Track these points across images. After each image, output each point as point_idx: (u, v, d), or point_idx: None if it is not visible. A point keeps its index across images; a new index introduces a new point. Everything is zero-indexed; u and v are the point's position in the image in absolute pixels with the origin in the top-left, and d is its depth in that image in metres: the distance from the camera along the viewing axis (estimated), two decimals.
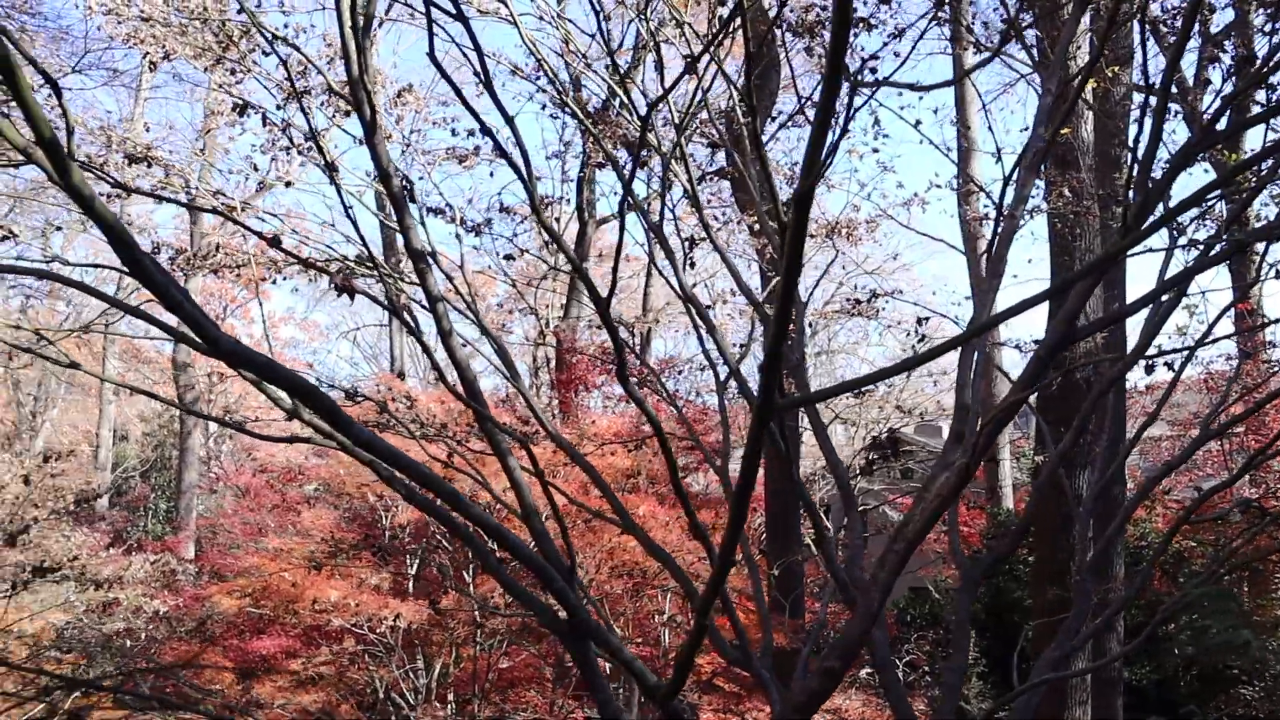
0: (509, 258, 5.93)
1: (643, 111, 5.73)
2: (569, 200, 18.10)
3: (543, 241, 15.76)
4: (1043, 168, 5.69)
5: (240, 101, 5.61)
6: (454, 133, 6.33)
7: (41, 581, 8.43)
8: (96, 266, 2.86)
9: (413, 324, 2.97)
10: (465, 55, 3.07)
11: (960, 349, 4.09)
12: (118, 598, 9.33)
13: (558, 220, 17.76)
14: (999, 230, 4.24)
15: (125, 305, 1.80)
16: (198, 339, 2.07)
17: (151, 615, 10.33)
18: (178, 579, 13.65)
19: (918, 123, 6.06)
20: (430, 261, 2.95)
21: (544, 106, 5.30)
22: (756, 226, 7.54)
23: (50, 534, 8.32)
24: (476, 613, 8.49)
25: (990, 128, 7.05)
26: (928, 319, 6.90)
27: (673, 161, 4.65)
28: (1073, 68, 6.00)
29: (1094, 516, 5.92)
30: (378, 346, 30.56)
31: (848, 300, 7.92)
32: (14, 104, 1.94)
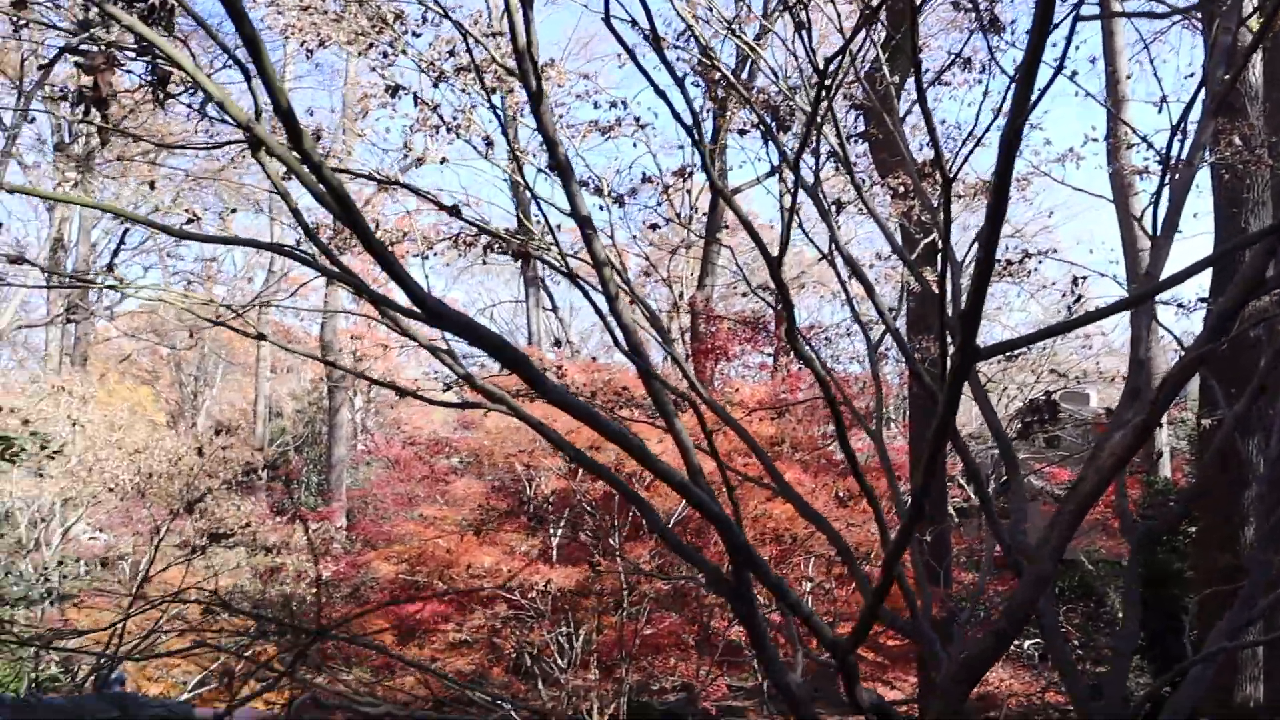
0: (654, 226, 5.98)
1: (780, 74, 5.67)
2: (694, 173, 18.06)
3: (675, 214, 15.78)
4: None
5: (392, 85, 5.79)
6: (596, 105, 6.39)
7: (216, 547, 8.94)
8: (277, 249, 2.99)
9: (583, 289, 3.03)
10: (615, 33, 3.10)
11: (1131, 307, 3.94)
12: (284, 563, 9.83)
13: (689, 193, 17.76)
14: (1167, 181, 4.06)
15: (330, 270, 1.89)
16: (369, 305, 2.16)
17: (313, 580, 10.85)
18: (333, 547, 14.29)
19: (1073, 74, 5.81)
20: (594, 228, 3.00)
21: (685, 76, 5.29)
22: (901, 189, 7.38)
23: (223, 502, 8.82)
24: (623, 579, 8.64)
25: (1156, 75, 6.72)
26: (1084, 279, 6.66)
27: (819, 122, 4.59)
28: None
29: (1272, 482, 5.65)
30: (514, 322, 31.18)
31: (998, 261, 7.69)
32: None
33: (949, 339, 2.63)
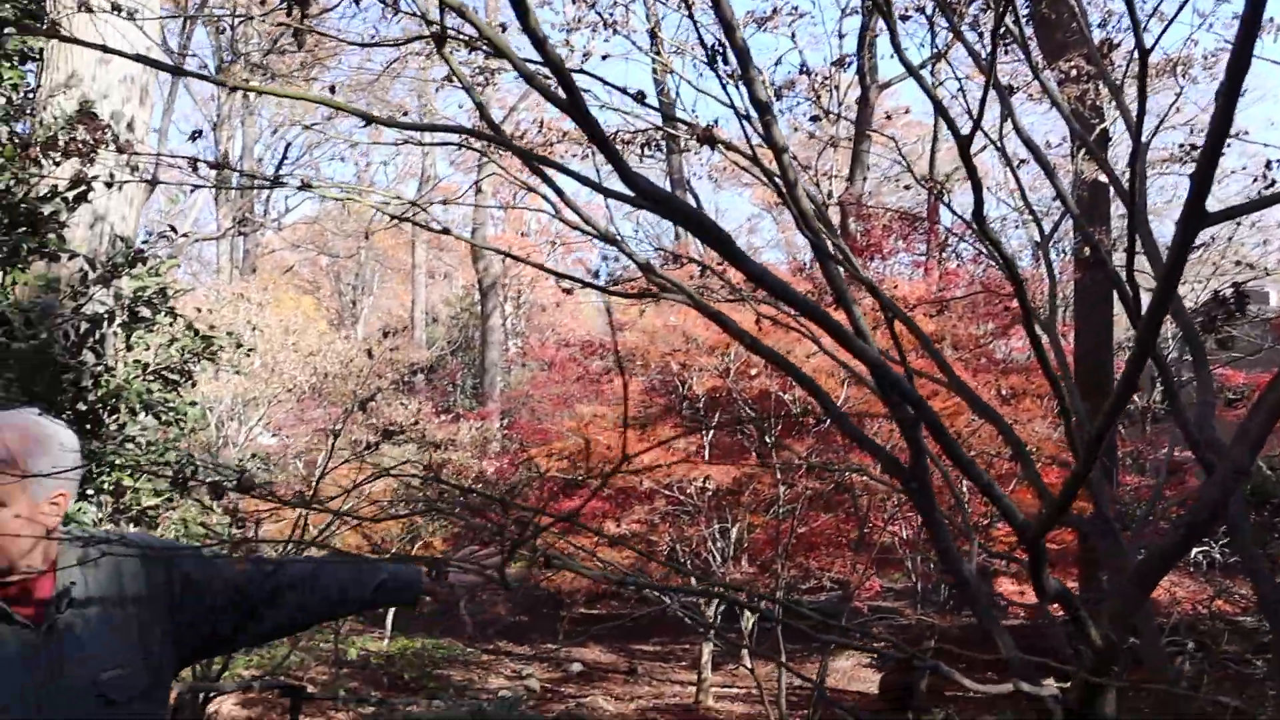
0: (815, 118, 5.86)
1: None
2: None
3: (824, 110, 15.44)
4: None
5: None
6: None
7: (387, 444, 9.42)
8: (460, 130, 3.04)
9: (767, 172, 3.01)
10: None
11: None
12: (450, 459, 10.30)
13: (836, 88, 17.29)
14: None
15: (527, 152, 1.94)
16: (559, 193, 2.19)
17: (476, 475, 11.35)
18: (490, 447, 14.88)
19: None
20: (773, 114, 2.96)
21: None
22: (1074, 72, 7.00)
23: (392, 401, 9.25)
24: (778, 476, 8.72)
25: None
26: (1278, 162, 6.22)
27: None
28: None
29: None
30: (659, 226, 31.22)
31: (1181, 147, 7.25)
32: None
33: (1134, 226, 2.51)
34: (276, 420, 13.39)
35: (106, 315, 4.51)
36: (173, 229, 4.58)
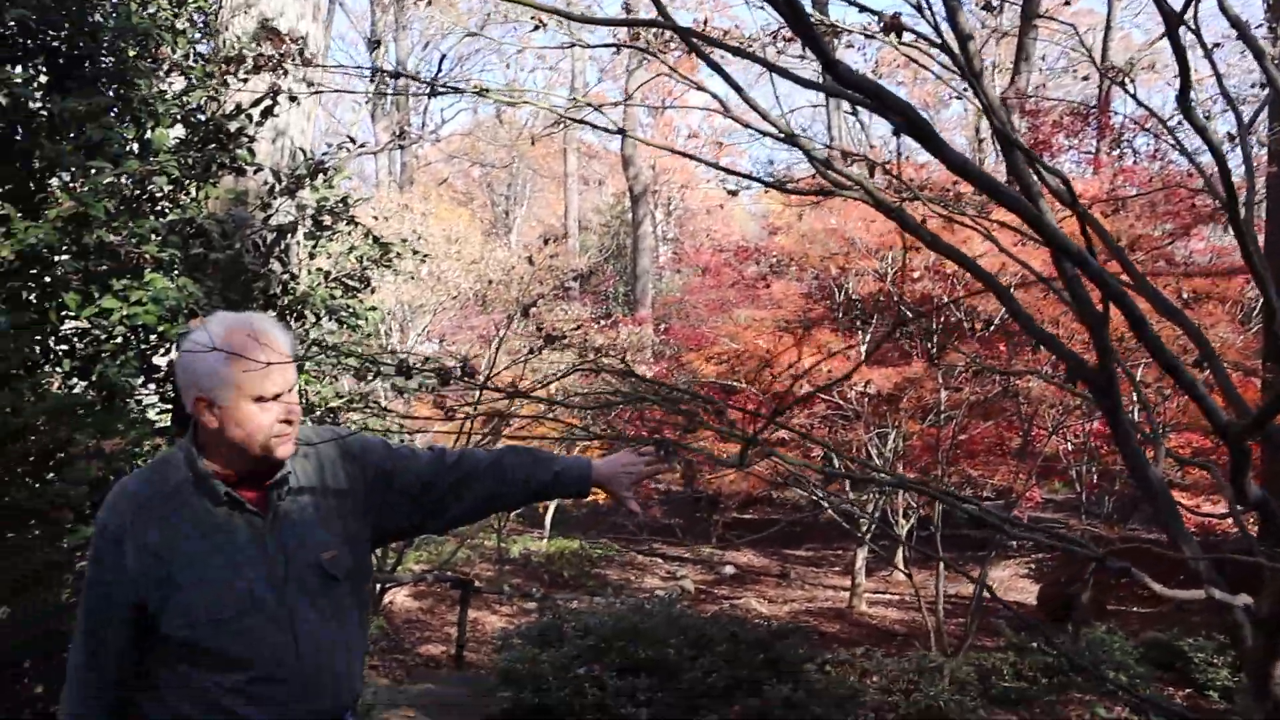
0: (987, 6, 5.54)
1: None
2: None
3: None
4: None
5: None
6: None
7: (548, 349, 9.64)
8: (639, 23, 3.03)
9: (957, 59, 2.89)
10: None
11: None
12: (611, 362, 10.45)
13: None
14: None
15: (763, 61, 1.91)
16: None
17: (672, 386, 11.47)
18: (644, 354, 15.04)
19: None
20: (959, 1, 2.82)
21: None
22: None
23: (552, 307, 9.43)
24: (941, 381, 8.56)
25: None
26: None
27: None
28: None
29: None
30: (810, 130, 30.47)
31: None
32: None
33: None
34: (440, 327, 13.87)
35: (292, 225, 4.73)
36: (351, 140, 4.75)
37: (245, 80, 4.26)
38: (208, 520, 1.89)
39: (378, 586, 10.97)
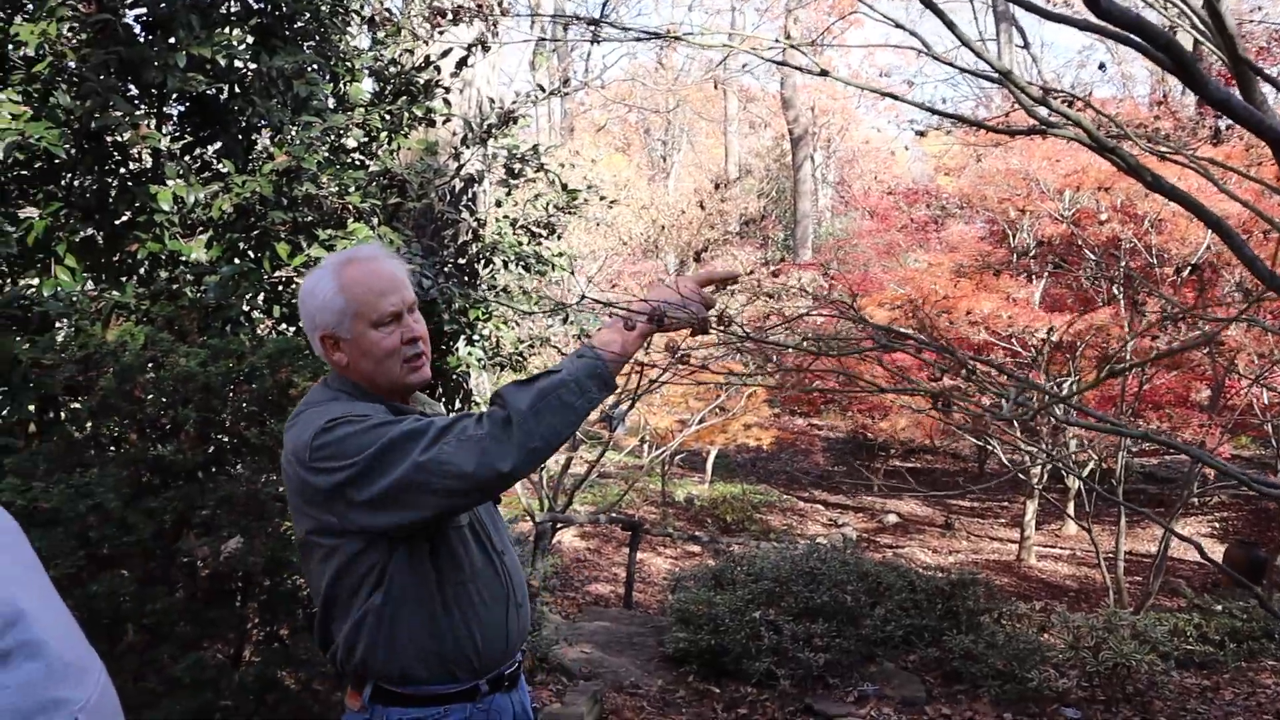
0: None
1: None
2: None
3: None
4: None
5: None
6: None
7: (723, 291, 9.59)
8: None
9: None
10: None
11: None
12: (779, 309, 10.36)
13: None
14: None
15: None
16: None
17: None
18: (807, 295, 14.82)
19: None
20: None
21: None
22: None
23: (720, 252, 9.38)
24: (1128, 328, 8.13)
25: None
26: None
27: None
28: None
29: None
30: (976, 64, 29.15)
31: None
32: None
33: None
34: (610, 274, 14.01)
35: (480, 174, 4.84)
36: (540, 87, 4.80)
37: (442, 32, 4.35)
38: None
39: (553, 525, 11.31)
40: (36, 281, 3.62)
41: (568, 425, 1.75)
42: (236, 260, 3.90)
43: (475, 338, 4.69)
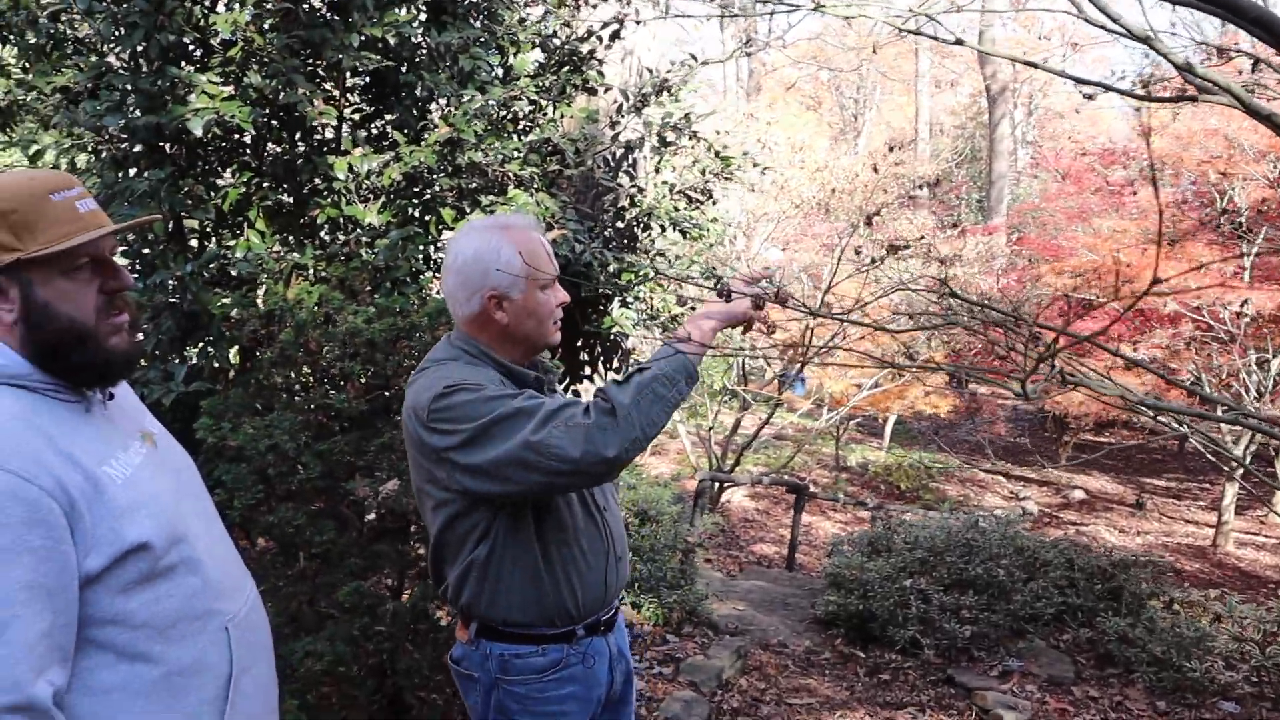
0: None
1: None
2: None
3: None
4: None
5: None
6: None
7: (891, 259, 9.48)
8: None
9: None
10: None
11: None
12: (954, 275, 10.13)
13: None
14: None
15: None
16: None
17: (981, 293, 11.07)
18: (995, 263, 14.34)
19: None
20: None
21: None
22: None
23: (897, 216, 9.22)
24: None
25: None
26: None
27: None
28: None
29: None
30: (1181, 25, 27.08)
31: None
32: None
33: None
34: (784, 235, 13.97)
35: (638, 141, 4.99)
36: (694, 57, 4.89)
37: (594, 7, 4.51)
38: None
39: (716, 485, 11.49)
40: (232, 243, 4.03)
41: (663, 415, 1.89)
42: (405, 225, 4.20)
43: (629, 300, 4.87)
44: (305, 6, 3.76)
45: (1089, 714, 4.56)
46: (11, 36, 4.10)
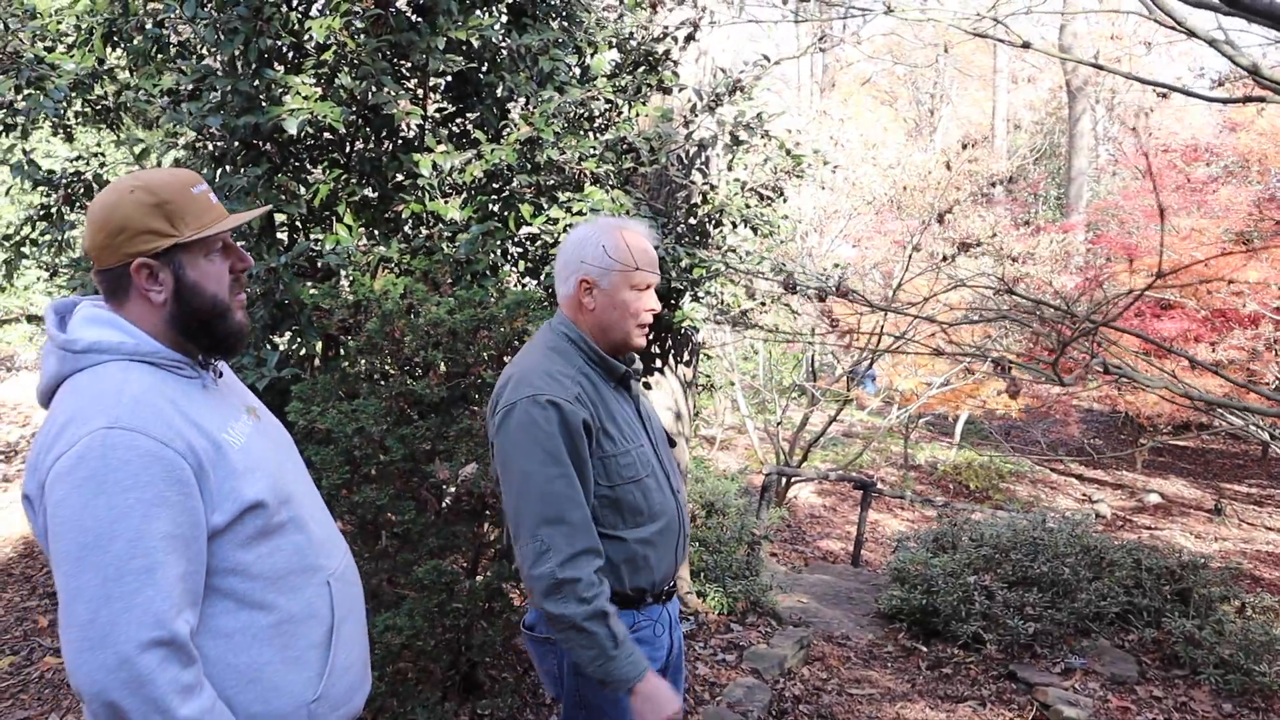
0: None
1: None
2: None
3: None
4: None
5: None
6: None
7: (963, 256, 9.43)
8: None
9: None
10: None
11: None
12: (1027, 274, 10.04)
13: None
14: None
15: None
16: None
17: (1054, 291, 10.93)
18: (1072, 261, 14.13)
19: None
20: None
21: None
22: None
23: (970, 213, 9.18)
24: None
25: None
26: None
27: None
28: None
29: None
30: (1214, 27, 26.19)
31: None
32: None
33: None
34: (855, 232, 13.96)
35: (711, 139, 5.09)
36: (766, 58, 4.98)
37: (670, 10, 4.63)
38: (609, 394, 2.23)
39: (783, 480, 11.55)
40: (321, 236, 4.23)
41: (569, 641, 2.06)
42: (485, 220, 4.36)
43: (700, 294, 4.98)
44: (393, 10, 3.94)
45: (1152, 713, 4.56)
46: (119, 41, 4.36)
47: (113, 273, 1.59)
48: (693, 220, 5.25)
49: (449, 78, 4.58)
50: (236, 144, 4.09)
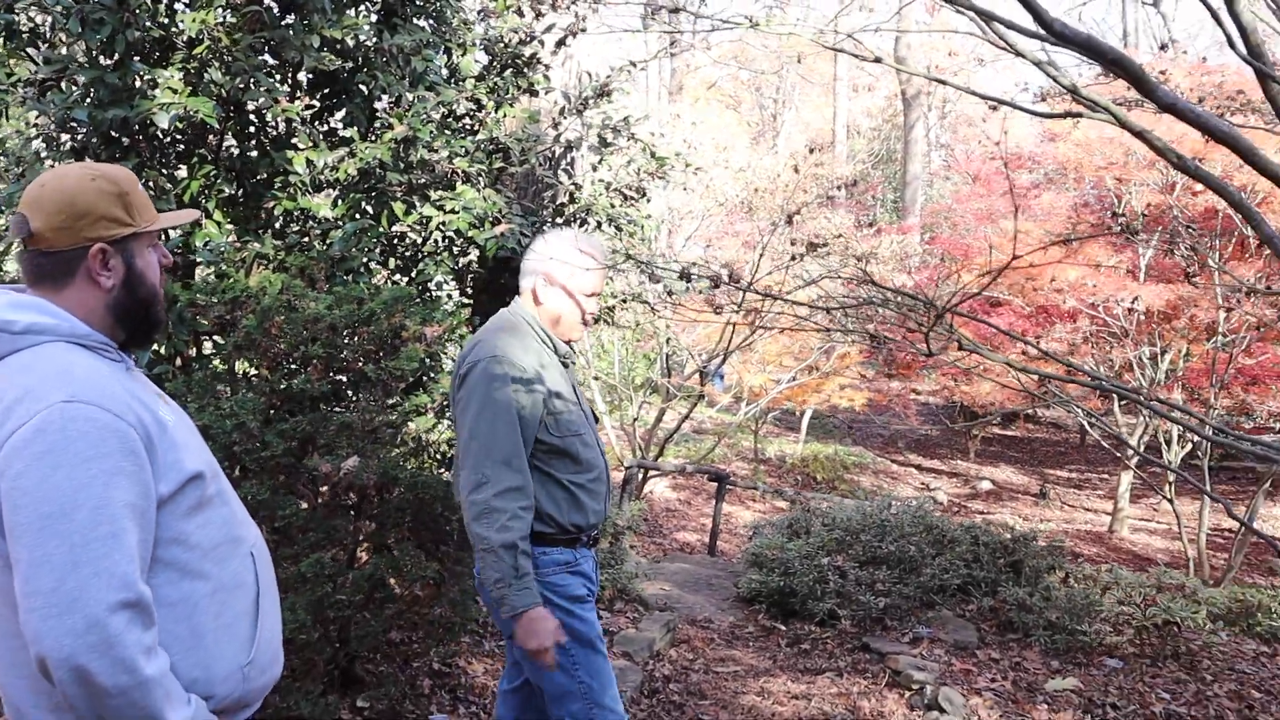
0: None
1: None
2: None
3: None
4: None
5: None
6: None
7: (810, 257, 9.89)
8: None
9: None
10: None
11: None
12: (872, 271, 10.57)
13: None
14: None
15: None
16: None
17: (901, 288, 11.52)
18: (909, 261, 14.91)
19: None
20: None
21: None
22: None
23: (816, 215, 9.63)
24: (1220, 300, 8.13)
25: None
26: None
27: None
28: None
29: None
30: (1105, 22, 28.23)
31: None
32: None
33: None
34: (706, 233, 14.36)
35: (578, 141, 5.25)
36: (633, 63, 5.17)
37: (540, 16, 4.76)
38: (553, 364, 2.68)
39: (640, 474, 11.80)
40: (190, 232, 4.18)
41: (481, 554, 2.52)
42: (358, 217, 4.40)
43: None
44: (265, 6, 3.95)
45: (991, 673, 4.97)
46: None
47: (62, 255, 1.63)
48: (560, 219, 5.39)
49: (319, 75, 4.59)
50: (96, 139, 4.01)
